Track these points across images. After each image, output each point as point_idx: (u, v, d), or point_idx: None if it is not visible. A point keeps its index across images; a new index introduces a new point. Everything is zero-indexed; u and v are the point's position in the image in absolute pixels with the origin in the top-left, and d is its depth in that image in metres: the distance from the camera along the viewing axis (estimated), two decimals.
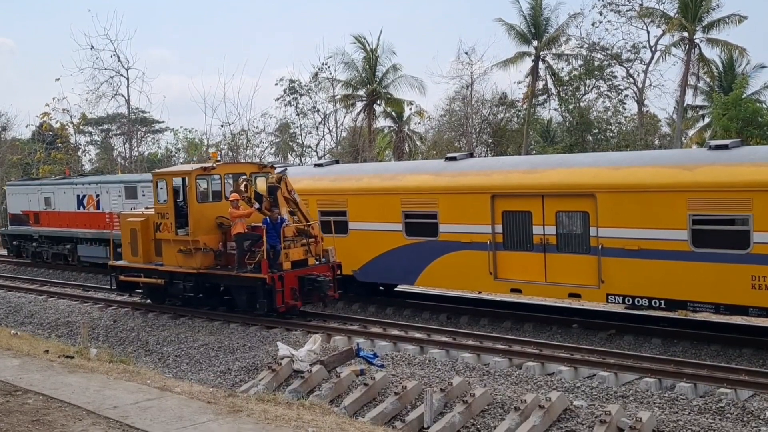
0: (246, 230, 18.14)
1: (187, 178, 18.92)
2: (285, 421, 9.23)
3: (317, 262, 18.63)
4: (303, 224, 18.77)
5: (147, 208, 22.01)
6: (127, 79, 51.61)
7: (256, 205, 18.32)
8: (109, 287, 26.32)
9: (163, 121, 62.11)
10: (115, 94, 52.30)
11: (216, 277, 19.04)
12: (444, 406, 11.85)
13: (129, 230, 20.58)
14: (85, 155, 62.48)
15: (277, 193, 18.27)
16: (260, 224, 17.95)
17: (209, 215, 19.00)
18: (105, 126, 61.38)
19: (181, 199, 19.47)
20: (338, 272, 18.95)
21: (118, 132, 60.42)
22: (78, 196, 31.60)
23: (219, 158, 20.52)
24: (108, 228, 29.94)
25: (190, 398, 10.30)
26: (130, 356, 16.15)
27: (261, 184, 18.97)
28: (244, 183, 18.59)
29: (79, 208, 31.53)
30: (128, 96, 52.46)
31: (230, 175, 19.56)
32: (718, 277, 14.92)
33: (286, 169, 21.92)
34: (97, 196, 30.62)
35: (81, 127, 58.96)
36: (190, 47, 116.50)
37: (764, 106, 39.72)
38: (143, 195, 28.37)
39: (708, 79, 49.68)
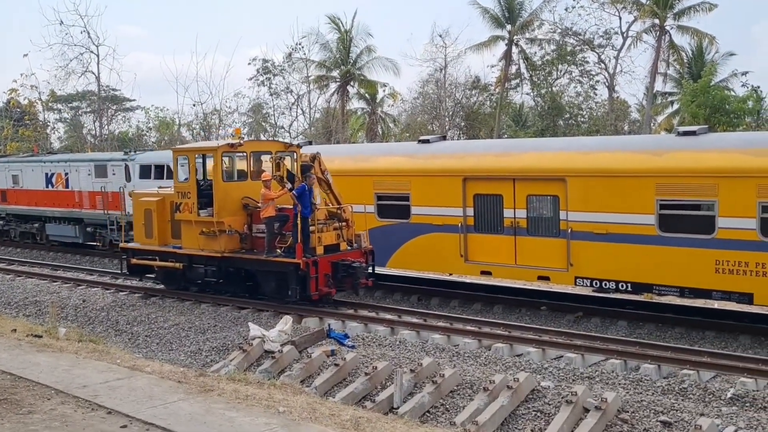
0: (275, 212, 17.10)
1: (212, 155, 17.80)
2: (256, 400, 9.28)
3: (349, 248, 17.67)
4: (335, 207, 17.83)
5: (161, 187, 20.83)
6: (98, 56, 51.01)
7: (289, 185, 17.18)
8: (79, 267, 26.21)
9: (134, 100, 61.56)
10: (85, 71, 51.71)
11: (242, 262, 17.79)
12: (414, 386, 11.97)
13: (143, 210, 19.31)
14: (54, 133, 61.75)
15: (311, 172, 17.27)
16: (288, 206, 16.96)
17: (234, 195, 17.85)
18: (74, 103, 60.52)
19: (201, 177, 18.39)
20: (371, 259, 17.97)
21: (87, 110, 59.65)
22: (47, 174, 31.23)
23: (243, 135, 19.12)
24: (77, 207, 29.69)
25: (161, 378, 10.30)
26: (100, 336, 16.09)
27: (286, 164, 17.90)
28: (277, 161, 17.53)
29: (47, 187, 31.17)
30: (98, 73, 51.88)
31: (253, 153, 18.46)
32: (683, 261, 15.20)
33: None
34: (66, 174, 30.26)
35: (50, 104, 58.16)
36: (162, 25, 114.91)
37: (732, 93, 40.26)
38: (113, 174, 28.13)
39: (678, 66, 50.22)
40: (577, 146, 18.02)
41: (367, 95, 56.00)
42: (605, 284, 16.41)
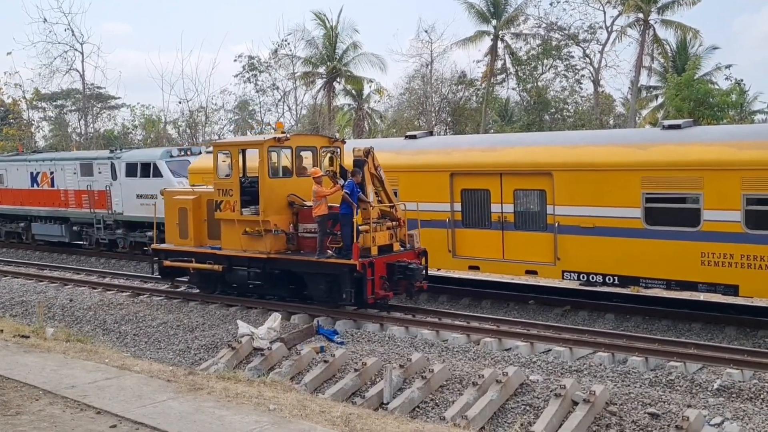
0: (327, 210, 16.17)
1: (258, 150, 16.71)
2: (246, 398, 9.28)
3: (402, 248, 16.71)
4: (387, 205, 16.77)
5: (194, 185, 19.64)
6: (82, 53, 50.74)
7: (341, 182, 16.24)
8: (65, 267, 26.06)
9: (119, 97, 61.08)
10: (70, 69, 51.43)
11: (289, 263, 16.71)
12: (403, 382, 12.00)
13: (177, 209, 18.31)
14: (38, 131, 61.33)
15: (364, 168, 16.14)
16: (336, 205, 16.03)
17: (280, 192, 16.93)
18: (59, 102, 60.08)
19: (242, 174, 17.50)
20: (425, 260, 17.01)
21: (72, 108, 59.26)
22: (32, 173, 31.02)
23: (284, 130, 17.86)
24: (63, 206, 29.51)
25: (150, 377, 10.28)
26: (88, 335, 16.02)
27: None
28: (329, 156, 16.88)
29: (32, 186, 30.97)
30: (83, 71, 51.63)
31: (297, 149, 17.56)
32: (669, 254, 15.30)
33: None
34: (52, 173, 30.08)
35: (34, 103, 57.76)
36: (147, 21, 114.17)
37: (716, 86, 40.50)
38: (99, 172, 27.97)
39: (662, 60, 50.46)
40: (563, 140, 18.09)
41: (353, 91, 55.92)
42: (592, 278, 16.50)
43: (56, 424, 8.12)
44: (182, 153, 26.71)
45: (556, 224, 16.72)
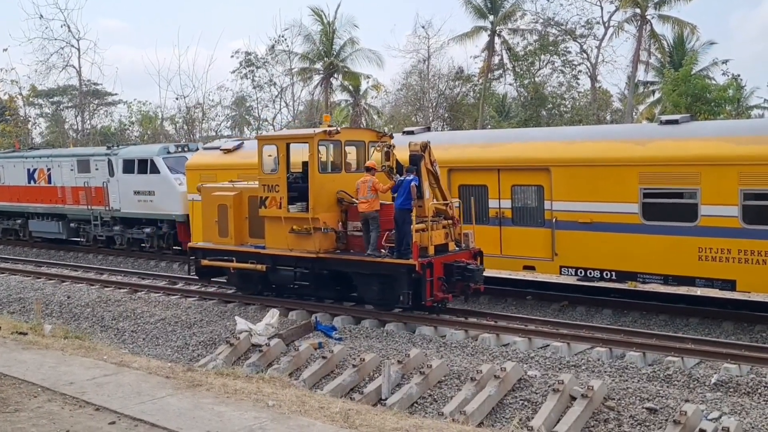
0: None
1: (307, 144, 16.02)
2: (245, 394, 9.28)
3: (457, 248, 16.04)
4: (441, 203, 16.03)
5: (233, 181, 18.99)
6: (78, 49, 50.69)
7: (398, 178, 15.52)
8: (63, 263, 26.03)
9: (116, 94, 60.97)
10: (66, 66, 51.39)
11: (340, 263, 15.96)
12: (402, 377, 12.02)
13: (217, 206, 17.65)
14: (35, 128, 61.25)
15: (421, 163, 15.41)
16: (386, 202, 15.54)
17: (329, 189, 16.20)
18: (56, 98, 60.02)
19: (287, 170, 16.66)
20: (481, 260, 16.28)
21: (69, 104, 59.17)
22: (29, 170, 31.00)
23: (331, 123, 17.10)
24: (60, 202, 29.48)
25: (148, 373, 10.27)
26: (86, 332, 16.02)
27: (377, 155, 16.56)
28: (385, 151, 15.98)
29: (29, 183, 30.94)
30: (79, 67, 51.55)
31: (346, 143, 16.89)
32: (667, 249, 15.32)
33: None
34: (49, 170, 30.05)
35: (31, 99, 57.67)
36: (143, 17, 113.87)
37: (713, 82, 40.52)
38: (96, 169, 27.94)
39: (659, 55, 50.45)
40: (561, 136, 18.09)
41: (350, 87, 55.84)
42: (590, 273, 16.51)
43: (55, 421, 8.12)
44: (179, 149, 26.68)
45: (554, 220, 16.72)
